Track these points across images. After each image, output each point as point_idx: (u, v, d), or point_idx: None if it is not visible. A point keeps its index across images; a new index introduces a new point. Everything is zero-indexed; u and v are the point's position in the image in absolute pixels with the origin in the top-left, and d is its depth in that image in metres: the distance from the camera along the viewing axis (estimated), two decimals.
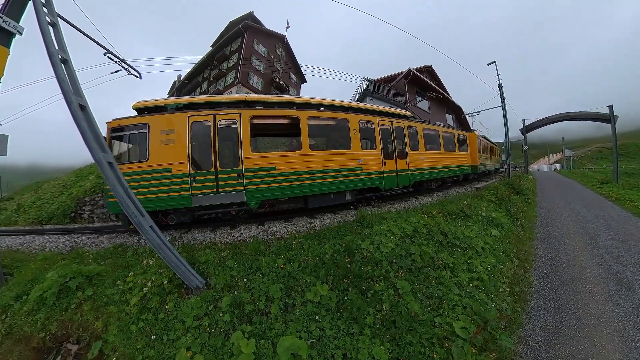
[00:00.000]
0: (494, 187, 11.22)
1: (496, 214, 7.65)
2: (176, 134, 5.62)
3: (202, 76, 32.60)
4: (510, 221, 7.85)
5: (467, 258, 5.05)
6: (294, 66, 34.61)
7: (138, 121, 5.70)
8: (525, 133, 26.55)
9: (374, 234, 5.09)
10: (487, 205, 8.36)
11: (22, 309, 4.01)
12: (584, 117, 24.43)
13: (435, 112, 24.72)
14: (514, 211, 8.81)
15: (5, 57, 4.53)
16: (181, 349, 3.17)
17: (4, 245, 6.67)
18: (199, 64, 30.75)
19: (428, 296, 3.89)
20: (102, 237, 6.32)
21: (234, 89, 25.85)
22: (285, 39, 31.89)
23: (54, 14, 4.35)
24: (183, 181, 5.55)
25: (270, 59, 30.09)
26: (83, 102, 4.02)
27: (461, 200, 8.13)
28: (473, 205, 7.62)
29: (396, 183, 8.06)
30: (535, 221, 9.01)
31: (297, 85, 36.05)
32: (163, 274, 4.15)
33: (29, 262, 5.23)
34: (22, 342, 3.78)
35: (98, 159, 3.82)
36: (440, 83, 27.07)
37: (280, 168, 6.02)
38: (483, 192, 10.11)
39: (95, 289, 4.15)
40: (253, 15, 29.21)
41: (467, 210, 7.01)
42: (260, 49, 28.87)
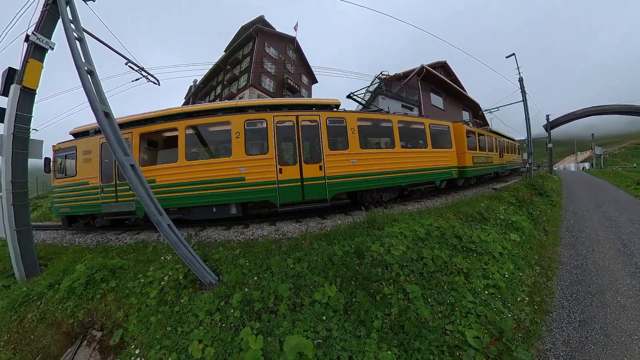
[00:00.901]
0: (515, 188, 10.60)
1: (516, 217, 7.29)
2: (92, 154, 6.85)
3: (217, 80, 33.71)
4: (532, 225, 7.44)
5: (483, 264, 4.86)
6: (304, 67, 34.94)
7: (70, 145, 7.18)
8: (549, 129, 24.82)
9: (385, 236, 5.02)
10: (507, 208, 7.97)
11: (55, 296, 4.36)
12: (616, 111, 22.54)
13: (450, 109, 23.81)
14: (537, 214, 8.34)
15: (40, 71, 5.04)
16: (194, 341, 3.32)
17: (39, 239, 7.26)
18: (213, 68, 31.91)
19: (439, 302, 3.79)
20: (124, 234, 6.73)
21: (246, 91, 26.57)
22: (295, 40, 32.24)
23: (80, 30, 4.72)
24: (95, 192, 6.76)
25: (281, 60, 30.60)
26: (107, 110, 4.31)
27: (478, 202, 7.81)
28: (491, 208, 7.30)
29: (301, 196, 6.32)
30: (560, 225, 8.47)
31: (308, 86, 36.31)
32: (179, 270, 4.35)
33: (60, 255, 5.69)
34: (54, 327, 4.12)
35: (121, 162, 4.07)
36: (455, 79, 26.03)
37: (159, 180, 6.20)
38: (502, 194, 9.60)
39: (118, 281, 4.43)
40: (263, 19, 29.95)
41: (484, 213, 6.73)
42: (271, 52, 29.41)
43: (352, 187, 6.94)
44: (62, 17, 4.64)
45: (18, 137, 4.88)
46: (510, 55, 16.47)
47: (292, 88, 30.97)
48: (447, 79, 22.86)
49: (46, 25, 5.00)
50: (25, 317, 4.30)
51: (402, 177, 7.75)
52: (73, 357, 3.85)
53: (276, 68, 29.45)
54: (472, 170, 10.77)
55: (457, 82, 25.58)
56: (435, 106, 22.11)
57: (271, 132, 6.30)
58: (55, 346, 3.98)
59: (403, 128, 8.27)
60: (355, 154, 6.92)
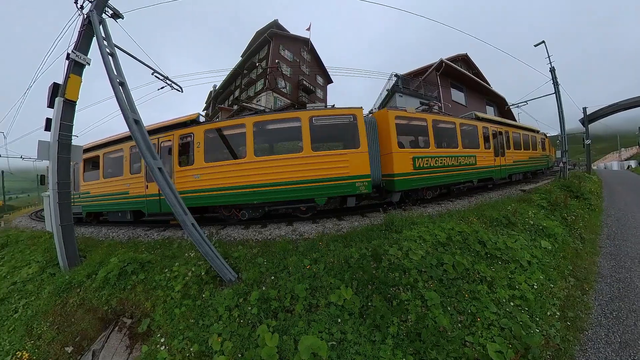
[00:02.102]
0: (546, 190, 9.50)
1: (548, 223, 6.75)
2: None
3: (235, 84, 34.81)
4: (566, 232, 6.87)
5: (509, 272, 4.58)
6: (319, 68, 35.05)
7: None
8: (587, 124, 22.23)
9: (403, 240, 4.90)
10: (537, 212, 7.39)
11: (92, 285, 4.78)
12: None
13: (473, 105, 22.16)
14: (572, 219, 7.66)
15: (79, 84, 5.59)
16: (213, 334, 3.48)
17: (80, 233, 7.97)
18: (231, 73, 32.94)
19: (460, 311, 3.64)
20: (152, 230, 7.20)
21: (264, 94, 27.31)
22: (309, 41, 32.44)
23: (112, 46, 5.23)
24: None
25: (297, 62, 31.00)
26: (137, 117, 4.69)
27: (504, 205, 7.28)
28: (519, 211, 6.81)
29: (159, 208, 6.90)
30: (600, 232, 7.73)
31: (323, 87, 36.43)
32: (201, 266, 4.57)
33: (97, 248, 6.20)
34: (91, 312, 4.51)
35: (150, 165, 4.37)
36: (477, 72, 24.30)
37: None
38: (532, 196, 8.75)
39: (147, 274, 4.75)
40: (277, 22, 30.29)
41: (511, 217, 6.31)
42: (286, 54, 29.86)
43: (196, 203, 6.44)
44: (96, 35, 5.17)
45: (62, 143, 5.45)
46: (539, 44, 14.99)
47: (308, 89, 31.36)
48: (468, 73, 21.41)
49: (83, 43, 5.56)
50: (68, 302, 4.75)
51: (255, 194, 6.21)
52: (106, 340, 4.20)
53: (291, 70, 29.90)
54: (411, 180, 7.16)
55: (479, 76, 23.88)
56: (456, 102, 20.82)
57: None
58: (92, 329, 4.37)
59: (262, 131, 6.78)
60: (198, 169, 6.53)
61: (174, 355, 3.39)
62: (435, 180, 7.81)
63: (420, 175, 7.35)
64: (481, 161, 9.40)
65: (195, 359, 3.31)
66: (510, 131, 11.86)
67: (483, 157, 9.58)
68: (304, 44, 32.41)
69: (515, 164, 11.96)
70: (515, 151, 12.01)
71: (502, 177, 10.93)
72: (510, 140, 11.77)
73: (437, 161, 7.79)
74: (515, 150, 12.16)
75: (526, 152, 13.34)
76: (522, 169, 12.87)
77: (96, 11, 5.33)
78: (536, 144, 14.95)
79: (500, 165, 10.56)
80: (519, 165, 12.44)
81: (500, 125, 11.32)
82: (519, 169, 12.50)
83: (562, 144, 14.84)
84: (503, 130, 11.31)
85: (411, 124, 7.86)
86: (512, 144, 11.86)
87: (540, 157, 15.17)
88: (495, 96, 24.80)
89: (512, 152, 11.71)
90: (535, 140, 14.81)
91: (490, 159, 10.05)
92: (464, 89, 22.09)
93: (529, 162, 13.58)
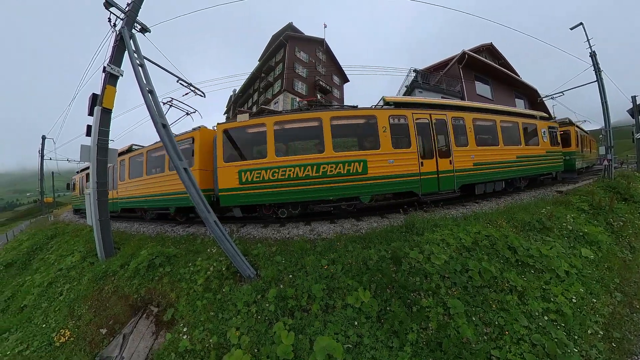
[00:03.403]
0: (588, 192, 8.35)
1: (590, 228, 6.09)
2: None
3: (253, 88, 35.85)
4: (612, 239, 6.15)
5: (543, 283, 4.21)
6: (335, 67, 34.87)
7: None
8: (638, 115, 19.33)
9: (425, 243, 4.70)
10: (576, 216, 6.68)
11: (124, 275, 5.14)
12: None
13: (500, 98, 20.24)
14: (619, 226, 6.83)
15: (114, 94, 6.24)
16: (232, 328, 3.59)
17: (115, 227, 8.68)
18: (249, 78, 33.96)
19: (486, 322, 3.41)
20: (178, 227, 7.61)
21: (281, 96, 27.74)
22: (324, 41, 32.44)
23: (141, 57, 5.65)
24: None
25: (312, 63, 31.11)
26: (165, 122, 5.06)
27: (538, 208, 6.65)
28: (555, 215, 6.19)
29: None
30: None
31: (339, 86, 36.20)
32: (222, 262, 4.73)
33: (129, 241, 6.68)
34: (123, 299, 4.86)
35: (176, 165, 4.64)
36: (504, 62, 22.43)
37: None
38: (570, 198, 7.82)
39: (172, 267, 5.02)
40: (292, 25, 30.68)
41: (546, 221, 5.77)
42: (301, 56, 30.11)
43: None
44: (127, 49, 5.65)
45: (100, 147, 6.06)
46: (576, 26, 13.31)
47: (324, 89, 31.42)
48: (494, 63, 19.72)
49: (117, 57, 6.18)
50: (104, 288, 5.17)
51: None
52: (135, 325, 4.50)
53: (308, 71, 30.15)
54: (236, 197, 6.36)
55: (506, 66, 21.94)
56: (481, 96, 19.14)
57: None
58: (123, 315, 4.70)
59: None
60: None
61: (194, 345, 3.54)
62: (273, 197, 6.30)
63: (249, 191, 6.33)
64: (381, 168, 6.44)
65: (213, 349, 3.43)
66: (468, 118, 7.80)
67: (386, 162, 6.49)
68: (319, 44, 32.60)
69: (481, 168, 7.74)
70: (480, 148, 7.82)
71: (447, 189, 7.18)
72: (469, 131, 7.69)
73: (278, 173, 6.20)
74: (483, 146, 8.09)
75: (508, 149, 8.50)
76: (499, 174, 8.23)
77: (127, 27, 5.84)
78: (534, 135, 9.92)
79: (434, 172, 7.01)
80: (492, 169, 8.04)
81: (442, 110, 7.60)
82: (490, 176, 8.03)
83: (606, 138, 12.99)
84: (449, 116, 7.44)
85: (249, 133, 6.90)
86: (473, 137, 7.73)
87: (542, 156, 9.75)
88: (525, 88, 22.31)
89: (470, 150, 7.58)
90: (531, 129, 9.89)
91: (411, 162, 6.78)
92: (489, 81, 20.29)
93: (517, 164, 8.69)
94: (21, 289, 7.14)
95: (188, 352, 3.52)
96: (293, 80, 28.26)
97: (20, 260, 9.54)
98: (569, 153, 11.91)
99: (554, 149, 10.40)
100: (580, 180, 11.60)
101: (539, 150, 9.71)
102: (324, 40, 32.39)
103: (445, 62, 19.75)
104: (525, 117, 9.89)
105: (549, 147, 10.11)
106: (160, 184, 7.82)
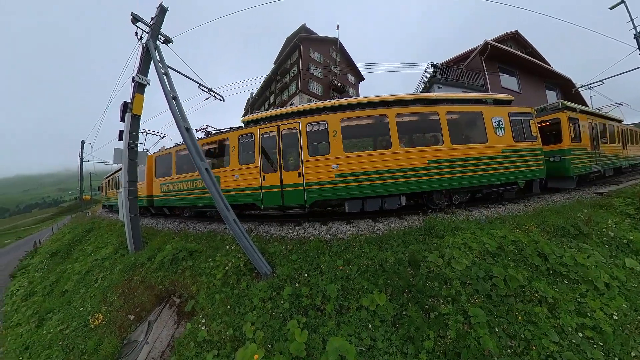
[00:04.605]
0: (633, 193, 7.13)
1: (636, 236, 5.39)
2: None
3: (269, 90, 36.71)
4: None
5: (578, 295, 3.85)
6: (350, 66, 34.65)
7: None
8: None
9: (445, 246, 4.51)
10: (620, 221, 5.90)
11: (151, 267, 5.47)
12: None
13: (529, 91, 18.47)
14: None
15: (142, 101, 6.79)
16: (247, 322, 3.68)
17: (144, 223, 9.31)
18: (265, 80, 34.86)
19: (510, 335, 3.19)
20: (200, 224, 8.00)
21: (296, 97, 28.17)
22: (338, 41, 32.33)
23: (165, 67, 6.13)
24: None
25: (326, 63, 31.17)
26: (188, 126, 5.41)
27: (574, 211, 5.99)
28: (594, 220, 5.55)
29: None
30: None
31: (355, 85, 35.88)
32: (240, 258, 4.87)
33: (156, 236, 7.12)
34: (149, 289, 5.17)
35: (198, 166, 4.90)
36: (532, 51, 20.55)
37: None
38: (612, 200, 6.77)
39: (194, 261, 5.26)
40: (305, 27, 31.03)
41: (582, 226, 5.21)
42: (315, 56, 30.29)
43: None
44: (153, 59, 6.12)
45: (131, 150, 6.61)
46: (617, 5, 11.84)
47: (339, 89, 31.25)
48: (520, 53, 18.11)
49: (144, 67, 6.72)
50: (132, 278, 5.53)
51: None
52: (159, 314, 4.77)
53: (322, 71, 30.30)
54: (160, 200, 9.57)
55: (535, 55, 20.11)
56: (507, 89, 17.45)
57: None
58: (149, 303, 5.01)
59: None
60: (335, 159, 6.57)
61: (212, 336, 3.68)
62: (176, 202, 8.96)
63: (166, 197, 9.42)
64: (229, 182, 7.09)
65: (229, 341, 3.54)
66: (333, 119, 6.39)
67: (233, 177, 7.03)
68: (333, 44, 32.64)
69: (347, 180, 6.22)
70: (349, 155, 6.29)
71: (294, 204, 6.44)
72: (333, 135, 6.30)
73: (177, 185, 8.86)
74: (363, 151, 6.57)
75: (412, 152, 6.37)
76: (388, 187, 6.24)
77: (152, 40, 6.37)
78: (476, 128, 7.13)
79: (278, 185, 6.50)
80: (373, 181, 6.24)
81: (296, 118, 6.63)
82: (368, 189, 6.22)
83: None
84: (302, 123, 6.46)
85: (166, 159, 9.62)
86: (341, 142, 6.30)
87: (493, 158, 6.82)
88: (557, 78, 20.09)
89: (331, 159, 6.27)
90: (467, 120, 7.28)
91: (254, 177, 6.75)
92: (515, 72, 18.69)
93: (432, 171, 6.38)
94: (63, 275, 7.88)
95: (206, 342, 3.66)
96: (308, 81, 28.55)
97: (63, 250, 10.55)
98: (559, 152, 8.16)
99: (522, 145, 7.11)
100: (625, 181, 9.83)
101: (488, 149, 6.77)
102: (338, 40, 32.41)
103: (466, 54, 18.59)
104: (458, 104, 7.08)
105: (511, 143, 6.99)
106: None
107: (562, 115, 8.27)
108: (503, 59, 17.70)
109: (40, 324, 6.10)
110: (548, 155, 8.09)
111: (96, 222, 13.25)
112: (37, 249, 14.01)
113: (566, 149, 8.13)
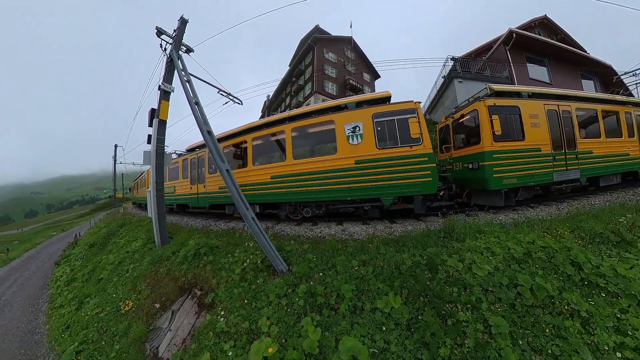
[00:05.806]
0: None
1: None
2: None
3: (285, 92, 37.16)
4: None
5: (618, 311, 3.50)
6: (364, 64, 34.15)
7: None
8: None
9: (466, 250, 4.32)
10: None
11: (175, 260, 5.80)
12: None
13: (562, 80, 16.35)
14: None
15: (168, 108, 7.31)
16: (263, 317, 3.78)
17: (169, 220, 9.98)
18: (281, 82, 35.37)
19: (535, 349, 2.98)
20: (220, 221, 8.34)
21: (312, 98, 28.32)
22: (352, 39, 32.00)
23: (187, 74, 6.50)
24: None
25: (341, 62, 30.99)
26: (209, 129, 5.69)
27: (614, 216, 5.39)
28: (638, 226, 5.05)
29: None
30: None
31: (370, 83, 35.26)
32: (258, 255, 5.02)
33: (180, 232, 7.55)
34: (173, 281, 5.48)
35: (219, 167, 5.14)
36: (564, 37, 18.48)
37: None
38: None
39: (214, 257, 5.50)
40: (319, 27, 31.07)
41: (625, 233, 4.67)
42: (329, 56, 30.22)
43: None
44: (176, 68, 6.53)
45: (158, 152, 7.09)
46: None
47: (355, 88, 30.93)
48: (550, 40, 16.18)
49: (168, 76, 7.21)
50: (159, 270, 5.90)
51: None
52: (182, 304, 5.04)
53: (337, 71, 30.19)
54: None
55: (567, 41, 18.07)
56: (535, 80, 15.74)
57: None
58: (173, 294, 5.32)
59: None
60: None
61: (229, 328, 3.83)
62: None
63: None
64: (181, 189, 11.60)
65: (245, 334, 3.66)
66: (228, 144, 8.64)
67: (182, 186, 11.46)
68: (347, 43, 32.41)
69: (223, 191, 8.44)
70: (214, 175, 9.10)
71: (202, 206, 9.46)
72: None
73: None
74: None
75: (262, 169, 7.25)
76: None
77: (175, 50, 6.83)
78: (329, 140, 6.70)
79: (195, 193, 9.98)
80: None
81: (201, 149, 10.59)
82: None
83: None
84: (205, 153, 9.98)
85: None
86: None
87: (348, 170, 6.05)
88: (594, 65, 17.62)
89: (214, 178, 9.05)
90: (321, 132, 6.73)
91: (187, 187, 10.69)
92: (545, 61, 16.73)
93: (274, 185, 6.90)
94: (99, 265, 8.59)
95: (224, 333, 3.81)
96: (323, 81, 28.67)
97: (99, 242, 11.52)
98: (475, 156, 6.38)
99: (391, 152, 5.80)
100: None
101: (335, 161, 6.07)
102: (352, 38, 32.17)
103: (489, 44, 17.35)
104: (306, 118, 6.69)
105: (373, 151, 5.87)
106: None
107: (480, 105, 6.22)
108: (530, 48, 16.03)
109: (79, 306, 6.74)
110: (468, 161, 6.62)
111: (127, 218, 14.32)
112: (77, 241, 15.38)
113: (486, 152, 6.05)
